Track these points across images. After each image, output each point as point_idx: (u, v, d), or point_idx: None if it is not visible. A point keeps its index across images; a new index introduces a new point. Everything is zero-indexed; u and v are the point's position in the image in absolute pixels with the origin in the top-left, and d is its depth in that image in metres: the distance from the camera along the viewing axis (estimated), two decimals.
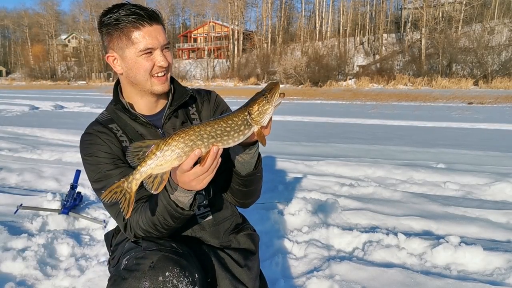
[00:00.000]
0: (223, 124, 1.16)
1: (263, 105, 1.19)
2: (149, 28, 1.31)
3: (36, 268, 2.45)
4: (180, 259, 1.20)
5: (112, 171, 1.37)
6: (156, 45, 1.33)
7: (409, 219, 3.28)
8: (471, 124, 9.77)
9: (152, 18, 1.31)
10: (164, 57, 1.35)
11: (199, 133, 1.13)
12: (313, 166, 5.11)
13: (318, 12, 55.86)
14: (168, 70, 1.40)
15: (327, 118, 11.57)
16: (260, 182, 1.52)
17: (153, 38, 1.31)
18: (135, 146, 1.12)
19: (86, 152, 1.41)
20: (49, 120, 11.05)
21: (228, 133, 1.16)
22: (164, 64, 1.35)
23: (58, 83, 58.02)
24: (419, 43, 43.29)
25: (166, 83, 1.41)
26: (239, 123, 1.17)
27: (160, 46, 1.34)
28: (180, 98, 1.48)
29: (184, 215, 1.24)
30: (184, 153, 1.11)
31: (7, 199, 3.68)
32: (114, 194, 1.13)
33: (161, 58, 1.34)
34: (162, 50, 1.35)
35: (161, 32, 1.34)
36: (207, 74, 56.57)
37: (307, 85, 38.13)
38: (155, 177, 1.13)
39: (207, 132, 1.13)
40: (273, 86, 1.22)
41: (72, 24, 79.95)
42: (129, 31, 1.30)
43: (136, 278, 1.13)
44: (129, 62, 1.35)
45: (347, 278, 2.31)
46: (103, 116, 1.48)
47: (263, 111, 1.19)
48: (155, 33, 1.32)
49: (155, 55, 1.34)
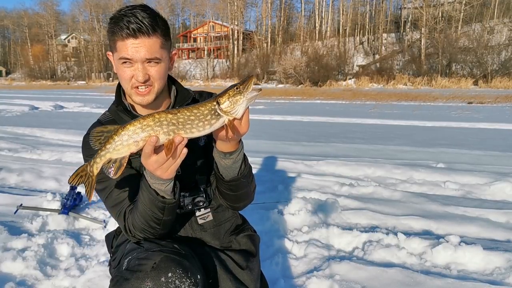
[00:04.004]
0: (186, 113, 1.14)
1: (234, 95, 1.17)
2: (133, 41, 1.29)
3: (36, 268, 2.45)
4: (182, 260, 1.20)
5: None
6: (135, 58, 1.30)
7: (409, 218, 3.28)
8: (471, 124, 9.77)
9: (140, 32, 1.28)
10: (141, 71, 1.32)
11: (159, 120, 1.12)
12: (313, 166, 5.11)
13: (318, 12, 55.84)
14: (152, 84, 1.36)
15: (327, 118, 11.57)
16: (250, 187, 1.48)
17: (133, 51, 1.29)
18: (98, 131, 1.13)
19: (87, 153, 1.42)
20: (49, 120, 11.05)
21: (192, 121, 1.14)
22: (140, 78, 1.32)
23: (58, 83, 58.00)
24: (418, 43, 43.29)
25: (147, 97, 1.37)
26: (205, 113, 1.15)
27: (140, 60, 1.31)
28: (182, 101, 1.48)
29: (166, 203, 1.24)
30: (141, 139, 1.11)
31: (7, 199, 3.68)
32: (80, 178, 1.16)
33: (138, 72, 1.32)
34: (143, 63, 1.32)
35: (147, 47, 1.30)
36: (207, 74, 56.55)
37: (307, 85, 38.12)
38: (114, 162, 1.14)
39: (168, 119, 1.12)
40: (247, 79, 1.19)
41: (72, 24, 79.94)
42: (116, 38, 1.31)
43: (138, 278, 1.14)
44: (115, 66, 1.38)
45: (347, 277, 2.31)
46: (105, 117, 1.49)
47: (234, 101, 1.16)
48: (138, 46, 1.29)
49: (135, 67, 1.32)
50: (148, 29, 1.29)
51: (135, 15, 1.28)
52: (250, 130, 1.66)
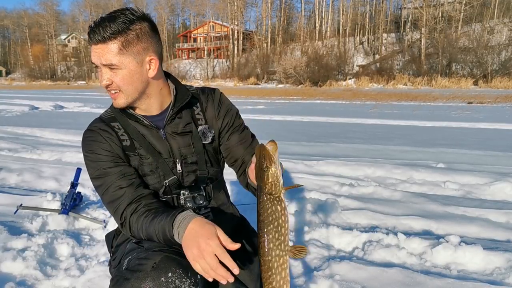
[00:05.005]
0: (264, 221, 1.13)
1: (271, 176, 1.12)
2: (94, 46, 1.32)
3: (36, 268, 2.44)
4: (182, 260, 1.20)
5: (111, 168, 1.38)
6: (97, 63, 1.34)
7: (409, 218, 3.28)
8: (471, 124, 9.77)
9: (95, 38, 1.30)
10: (103, 76, 1.34)
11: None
12: (313, 166, 5.11)
13: (318, 12, 55.84)
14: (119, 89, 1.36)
15: (327, 118, 11.57)
16: None
17: (94, 56, 1.33)
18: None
19: (87, 148, 1.42)
20: (49, 120, 11.05)
21: (273, 223, 1.12)
22: (103, 83, 1.35)
23: (58, 83, 58.02)
24: (418, 43, 43.29)
25: (118, 101, 1.38)
26: (273, 208, 1.12)
27: (100, 65, 1.33)
28: (182, 99, 1.48)
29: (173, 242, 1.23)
30: None
31: (7, 199, 3.68)
32: None
33: (101, 77, 1.36)
34: (106, 68, 1.33)
35: (103, 52, 1.30)
36: (207, 74, 56.55)
37: (307, 85, 38.12)
38: None
39: (268, 241, 1.11)
40: (264, 153, 1.13)
41: (72, 24, 79.93)
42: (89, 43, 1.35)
43: (138, 278, 1.14)
44: None
45: (347, 277, 2.31)
46: (106, 114, 1.49)
47: (275, 181, 1.12)
48: (98, 52, 1.31)
49: (101, 72, 1.35)
50: (104, 37, 1.29)
51: (103, 21, 1.30)
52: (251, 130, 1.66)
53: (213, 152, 1.54)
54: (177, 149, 1.46)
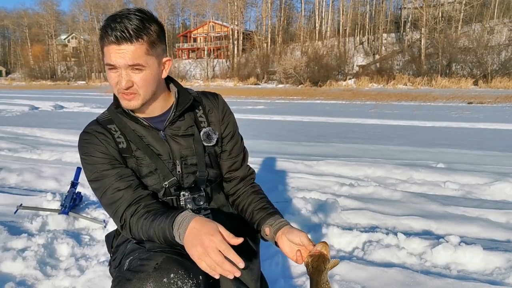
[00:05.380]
0: None
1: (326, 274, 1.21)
2: (116, 47, 1.27)
3: (36, 268, 2.44)
4: (184, 260, 1.20)
5: (108, 171, 1.37)
6: (118, 64, 1.29)
7: (409, 218, 3.29)
8: (471, 124, 9.77)
9: (122, 38, 1.26)
10: (125, 78, 1.31)
11: None
12: (312, 166, 5.11)
13: (318, 12, 55.83)
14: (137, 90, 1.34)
15: (327, 118, 11.57)
16: None
17: (116, 57, 1.28)
18: None
19: (83, 151, 1.42)
20: (49, 120, 11.05)
21: None
22: (122, 85, 1.31)
23: (58, 83, 57.96)
24: (418, 43, 43.28)
25: (133, 102, 1.36)
26: None
27: (123, 66, 1.29)
28: (184, 103, 1.48)
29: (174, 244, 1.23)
30: None
31: (7, 199, 3.68)
32: None
33: (121, 79, 1.31)
34: (127, 70, 1.31)
35: (129, 53, 1.28)
36: (207, 74, 56.54)
37: (307, 85, 38.11)
38: None
39: None
40: (324, 258, 1.22)
41: (72, 24, 79.93)
42: (103, 43, 1.30)
43: (140, 279, 1.13)
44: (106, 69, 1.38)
45: (347, 277, 2.31)
46: (103, 116, 1.48)
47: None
48: (121, 53, 1.28)
49: (119, 73, 1.31)
50: (131, 36, 1.27)
51: (122, 20, 1.27)
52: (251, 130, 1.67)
53: (214, 154, 1.55)
54: (178, 150, 1.46)
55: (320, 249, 1.24)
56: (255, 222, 1.53)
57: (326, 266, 1.21)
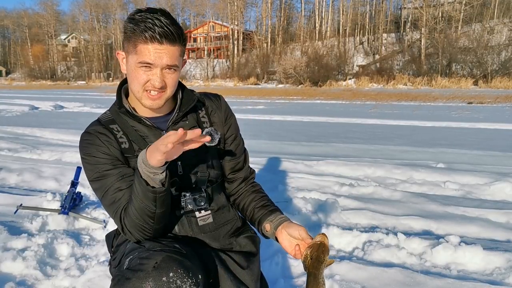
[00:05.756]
0: None
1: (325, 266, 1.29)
2: (157, 46, 1.28)
3: (36, 268, 2.44)
4: (184, 259, 1.20)
5: (110, 171, 1.37)
6: (157, 64, 1.30)
7: (409, 218, 3.29)
8: (471, 124, 9.77)
9: (166, 38, 1.28)
10: (160, 77, 1.32)
11: None
12: (312, 166, 5.11)
13: (318, 12, 55.86)
14: (164, 90, 1.36)
15: (327, 118, 11.57)
16: None
17: (156, 56, 1.29)
18: None
19: (84, 151, 1.41)
20: (49, 120, 11.05)
21: None
22: (157, 84, 1.32)
23: (58, 83, 57.98)
24: (418, 43, 43.30)
25: (158, 101, 1.38)
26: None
27: (161, 66, 1.31)
28: (188, 103, 1.49)
29: (157, 193, 1.24)
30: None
31: (7, 199, 3.68)
32: None
33: (156, 78, 1.32)
34: (162, 70, 1.32)
35: (170, 54, 1.30)
36: (207, 74, 56.55)
37: (307, 85, 38.12)
38: None
39: None
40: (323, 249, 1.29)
41: (72, 24, 79.94)
42: (137, 41, 1.30)
43: (139, 278, 1.14)
44: (129, 67, 1.36)
45: (347, 277, 2.31)
46: (105, 116, 1.48)
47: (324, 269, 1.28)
48: (162, 52, 1.29)
49: (153, 72, 1.32)
50: (174, 36, 1.29)
51: (159, 19, 1.27)
52: (251, 130, 1.68)
53: (216, 155, 1.55)
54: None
55: (320, 239, 1.25)
56: (256, 220, 1.54)
57: (325, 257, 1.22)
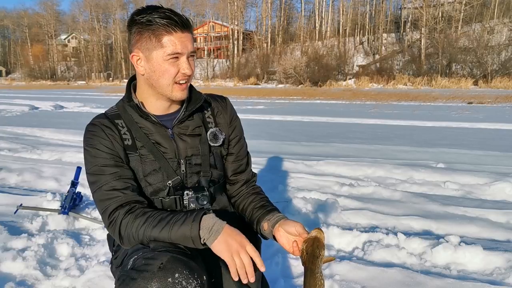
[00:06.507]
0: None
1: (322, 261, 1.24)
2: (181, 34, 1.32)
3: (36, 268, 2.44)
4: (189, 260, 1.21)
5: (108, 167, 1.37)
6: (184, 52, 1.34)
7: (409, 218, 3.29)
8: (471, 124, 9.77)
9: (184, 25, 1.33)
10: (189, 65, 1.36)
11: None
12: (313, 166, 5.11)
13: (318, 12, 55.85)
14: (190, 77, 1.41)
15: (327, 118, 11.57)
16: None
17: (182, 45, 1.33)
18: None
19: (88, 142, 1.41)
20: (49, 120, 11.05)
21: None
22: (188, 72, 1.36)
23: (58, 83, 57.97)
24: (418, 43, 43.28)
25: (186, 91, 1.42)
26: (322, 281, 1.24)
27: (187, 53, 1.35)
28: (195, 102, 1.49)
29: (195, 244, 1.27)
30: None
31: (7, 199, 3.68)
32: None
33: (186, 66, 1.35)
34: (188, 58, 1.36)
35: (190, 40, 1.36)
36: (207, 74, 56.55)
37: (307, 85, 38.13)
38: None
39: None
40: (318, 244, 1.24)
41: (72, 24, 79.86)
42: (160, 34, 1.31)
43: (145, 278, 1.13)
44: (154, 64, 1.35)
45: (347, 277, 2.31)
46: (111, 110, 1.49)
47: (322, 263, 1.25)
48: (185, 40, 1.33)
49: (181, 62, 1.35)
50: (188, 23, 1.35)
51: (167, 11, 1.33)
52: (251, 130, 1.68)
53: (219, 155, 1.55)
54: (184, 149, 1.46)
55: (315, 234, 1.24)
56: (255, 220, 1.55)
57: (320, 252, 1.21)
